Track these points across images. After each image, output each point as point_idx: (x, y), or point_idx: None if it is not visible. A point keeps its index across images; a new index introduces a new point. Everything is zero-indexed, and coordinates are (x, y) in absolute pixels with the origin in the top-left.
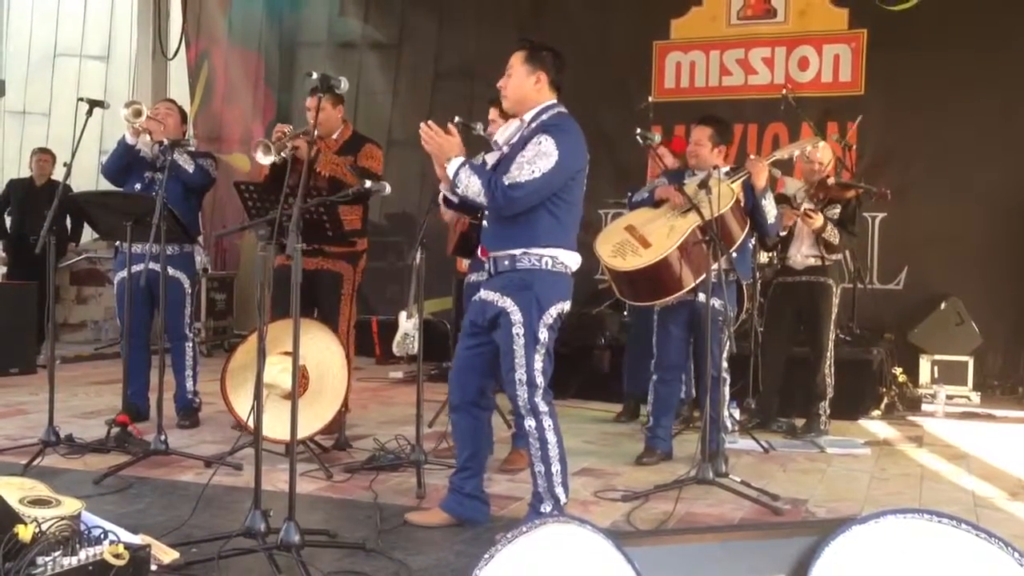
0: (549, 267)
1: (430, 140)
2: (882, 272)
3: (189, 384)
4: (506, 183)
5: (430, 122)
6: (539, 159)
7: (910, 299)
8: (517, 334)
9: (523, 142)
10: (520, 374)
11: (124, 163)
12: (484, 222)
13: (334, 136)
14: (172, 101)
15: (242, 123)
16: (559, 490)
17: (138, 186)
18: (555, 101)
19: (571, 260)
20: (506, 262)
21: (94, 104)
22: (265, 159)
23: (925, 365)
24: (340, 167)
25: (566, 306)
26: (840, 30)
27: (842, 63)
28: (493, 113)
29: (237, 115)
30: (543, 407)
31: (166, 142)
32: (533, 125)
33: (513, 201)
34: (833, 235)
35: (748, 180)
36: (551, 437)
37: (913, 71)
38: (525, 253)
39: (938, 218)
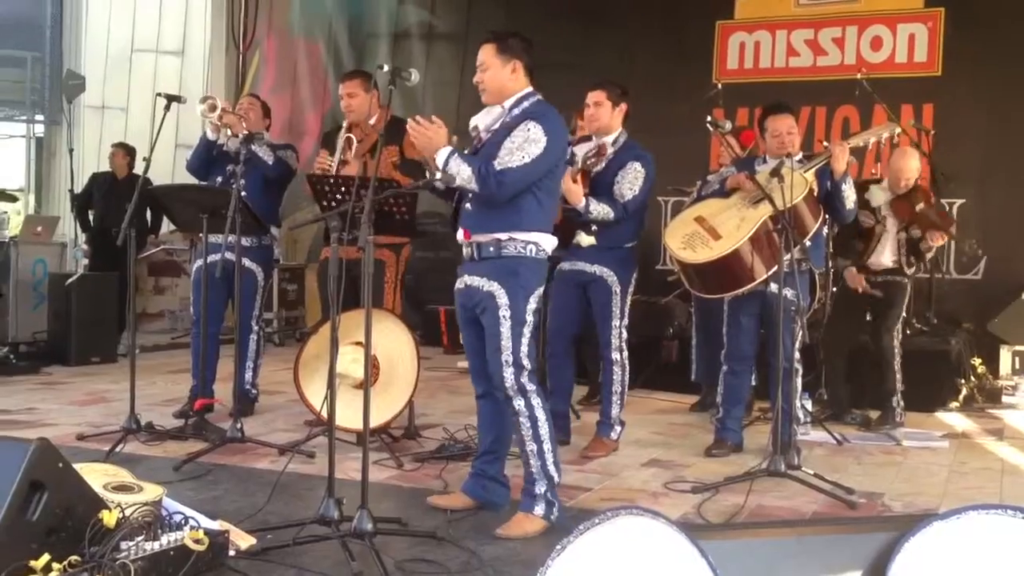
0: (533, 254)
1: (418, 134)
2: (960, 261)
3: (248, 375)
4: (497, 168)
5: (418, 117)
6: (528, 145)
7: (990, 288)
8: (503, 316)
9: (507, 129)
10: (506, 355)
11: (206, 158)
12: (467, 204)
13: (371, 122)
14: (256, 96)
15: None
16: (552, 469)
17: (219, 179)
18: (531, 89)
19: (550, 244)
20: (491, 248)
21: (171, 99)
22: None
23: (1006, 356)
24: (387, 168)
25: (542, 289)
26: (916, 9)
27: (918, 43)
28: (581, 120)
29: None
30: (530, 386)
31: (242, 136)
32: (516, 112)
33: (504, 187)
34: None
35: (825, 165)
36: (541, 415)
37: (993, 51)
38: (511, 239)
39: (1019, 205)
